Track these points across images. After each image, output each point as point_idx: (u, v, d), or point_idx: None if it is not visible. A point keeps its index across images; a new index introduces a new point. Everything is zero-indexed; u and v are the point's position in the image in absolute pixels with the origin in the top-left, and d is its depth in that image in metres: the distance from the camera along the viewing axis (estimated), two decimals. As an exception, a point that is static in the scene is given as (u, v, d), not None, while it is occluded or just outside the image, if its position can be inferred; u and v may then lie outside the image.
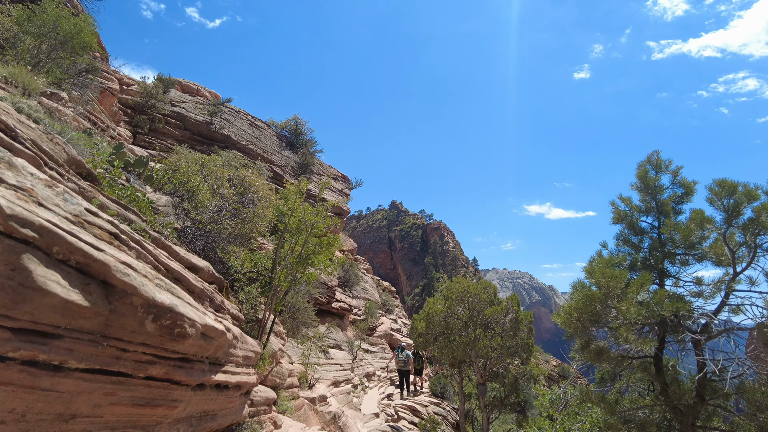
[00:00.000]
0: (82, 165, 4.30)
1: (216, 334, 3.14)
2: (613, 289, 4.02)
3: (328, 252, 5.77)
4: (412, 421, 16.21)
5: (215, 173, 5.87)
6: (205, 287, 3.88)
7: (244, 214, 5.85)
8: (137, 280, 2.54)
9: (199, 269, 4.63)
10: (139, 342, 2.58)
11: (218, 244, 5.98)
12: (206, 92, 29.46)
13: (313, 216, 5.72)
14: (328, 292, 18.49)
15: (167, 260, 3.39)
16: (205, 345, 3.08)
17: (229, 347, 3.67)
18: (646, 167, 4.96)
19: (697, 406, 4.39)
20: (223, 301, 4.21)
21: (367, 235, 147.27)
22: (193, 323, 2.81)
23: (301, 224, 5.76)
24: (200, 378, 3.13)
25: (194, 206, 5.94)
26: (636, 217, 4.91)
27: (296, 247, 5.85)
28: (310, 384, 11.31)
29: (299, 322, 11.80)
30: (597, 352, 4.90)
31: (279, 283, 5.84)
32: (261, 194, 6.05)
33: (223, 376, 3.61)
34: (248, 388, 4.53)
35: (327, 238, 5.74)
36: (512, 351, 14.30)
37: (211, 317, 3.20)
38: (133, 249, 2.87)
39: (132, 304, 2.51)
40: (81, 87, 14.36)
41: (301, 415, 9.09)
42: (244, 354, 4.11)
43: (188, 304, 2.93)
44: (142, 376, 2.68)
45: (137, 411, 2.67)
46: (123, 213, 3.82)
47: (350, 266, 23.34)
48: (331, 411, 10.97)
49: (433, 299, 16.17)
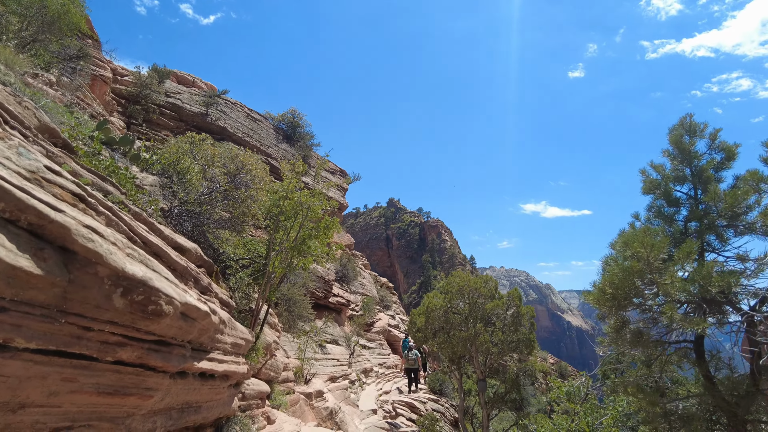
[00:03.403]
0: (57, 134, 3.91)
1: (199, 314, 2.78)
2: (654, 261, 3.59)
3: (325, 236, 5.40)
4: (410, 417, 15.92)
5: (205, 151, 5.48)
6: (191, 267, 3.52)
7: (236, 195, 5.48)
8: (104, 248, 2.17)
9: (186, 250, 4.26)
10: (105, 320, 2.21)
11: (208, 227, 5.60)
12: (202, 84, 28.95)
13: (310, 198, 5.35)
14: (326, 286, 18.13)
15: (146, 233, 3.02)
16: (186, 327, 2.71)
17: (216, 332, 3.31)
18: (679, 132, 4.54)
19: (751, 397, 3.97)
20: (211, 284, 3.84)
21: (365, 232, 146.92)
22: (171, 300, 2.44)
23: (297, 207, 5.39)
24: (180, 364, 2.76)
25: (183, 187, 5.56)
26: (670, 187, 4.50)
27: (291, 232, 5.48)
28: (306, 379, 10.96)
29: (295, 315, 11.44)
30: (635, 335, 4.43)
31: (273, 269, 5.47)
32: (255, 174, 5.66)
33: (208, 363, 3.25)
34: (238, 379, 4.16)
35: (324, 220, 5.37)
36: (513, 346, 13.99)
37: (193, 296, 2.84)
38: (103, 215, 2.49)
39: (97, 275, 2.14)
40: (71, 73, 13.91)
41: (297, 410, 8.74)
42: (233, 341, 3.75)
43: (166, 279, 2.56)
44: (110, 360, 2.31)
45: (104, 400, 2.30)
46: (99, 183, 3.44)
47: (348, 261, 22.98)
48: (327, 407, 10.63)
49: (433, 293, 15.84)
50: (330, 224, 5.40)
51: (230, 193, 5.47)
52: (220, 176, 5.51)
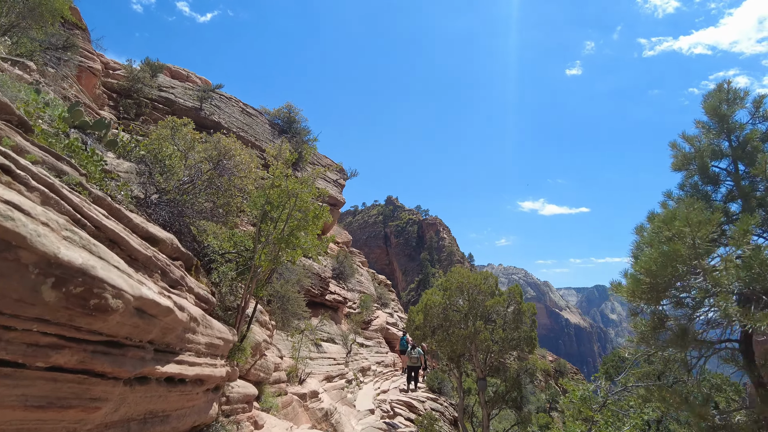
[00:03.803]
0: (10, 110, 3.48)
1: (159, 311, 2.37)
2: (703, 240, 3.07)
3: (315, 226, 4.98)
4: (409, 417, 15.57)
5: (186, 136, 5.06)
6: (159, 257, 3.11)
7: (218, 183, 5.06)
8: (28, 228, 1.77)
9: (159, 241, 3.85)
10: (32, 317, 1.81)
11: (189, 218, 5.19)
12: (196, 78, 28.43)
13: (298, 186, 4.94)
14: (322, 283, 17.72)
15: (102, 218, 2.61)
16: (143, 325, 2.30)
17: (185, 331, 2.90)
18: (716, 99, 4.03)
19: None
20: (184, 277, 3.43)
21: (363, 230, 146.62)
22: (120, 293, 2.03)
23: (284, 196, 4.97)
24: (137, 369, 2.35)
25: (162, 174, 5.15)
26: (706, 161, 4.01)
27: (279, 223, 5.07)
28: (300, 379, 10.55)
29: (289, 313, 11.03)
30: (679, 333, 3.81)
31: (259, 263, 5.06)
32: (239, 161, 5.23)
33: (176, 367, 2.84)
34: (216, 383, 3.76)
35: (314, 209, 4.94)
36: (514, 344, 13.64)
37: (153, 289, 2.43)
38: (37, 191, 2.08)
39: (18, 262, 1.73)
40: (57, 63, 13.42)
41: (289, 412, 8.35)
42: (209, 341, 3.34)
43: (116, 268, 2.15)
44: (41, 366, 1.90)
45: (34, 416, 1.90)
46: (52, 162, 3.03)
47: (345, 258, 22.57)
48: (322, 407, 10.24)
49: (431, 290, 15.45)
50: (319, 213, 4.97)
51: (213, 181, 5.05)
52: (201, 162, 5.09)
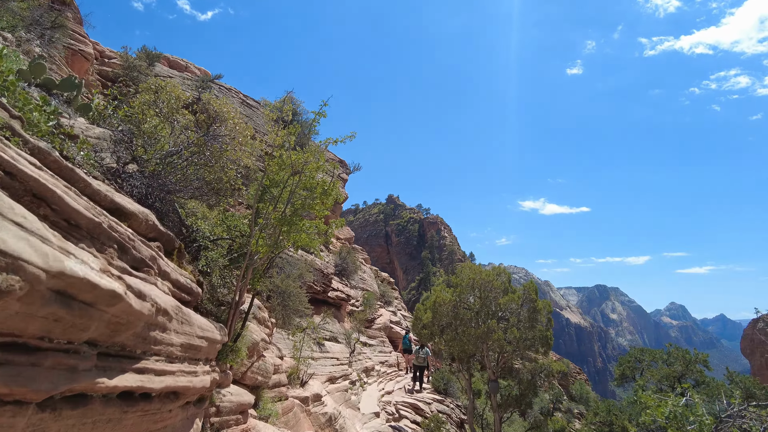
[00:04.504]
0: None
1: (97, 296, 1.56)
2: None
3: (323, 204, 4.16)
4: (415, 420, 14.79)
5: (169, 94, 4.23)
6: (118, 229, 2.30)
7: (209, 152, 4.23)
8: None
9: (129, 215, 3.04)
10: None
11: (176, 196, 4.38)
12: (195, 69, 27.63)
13: (303, 156, 4.13)
14: (324, 279, 16.92)
15: (25, 165, 1.81)
16: (70, 317, 1.50)
17: (149, 327, 2.10)
18: None
19: None
20: (156, 259, 2.61)
21: (364, 229, 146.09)
22: (18, 264, 1.23)
23: (286, 168, 4.16)
24: (62, 385, 1.54)
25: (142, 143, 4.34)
26: None
27: (279, 203, 4.26)
28: (302, 381, 9.75)
29: (290, 310, 10.22)
30: None
31: (256, 249, 4.25)
32: (233, 126, 4.38)
33: (134, 378, 2.02)
34: (199, 394, 2.95)
35: (321, 184, 4.11)
36: (528, 344, 12.81)
37: (92, 265, 1.64)
38: None
39: None
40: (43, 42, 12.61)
41: (290, 419, 7.55)
42: (185, 341, 2.54)
43: (16, 225, 1.34)
44: None
45: None
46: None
47: (347, 254, 21.77)
48: (326, 412, 9.44)
49: (440, 287, 14.61)
50: (329, 188, 4.15)
51: (202, 150, 4.23)
52: (188, 127, 4.26)
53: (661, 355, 15.53)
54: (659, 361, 15.23)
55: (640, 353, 16.60)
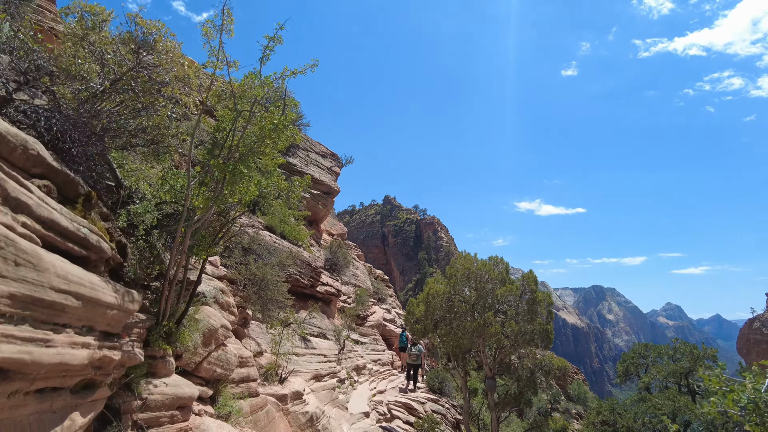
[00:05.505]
0: None
1: None
2: None
3: (274, 144, 3.29)
4: (408, 420, 13.94)
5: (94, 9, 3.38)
6: None
7: (141, 86, 3.37)
8: None
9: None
10: None
11: (101, 140, 3.53)
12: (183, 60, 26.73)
13: (252, 86, 3.28)
14: (313, 273, 16.03)
15: None
16: None
17: None
18: None
19: None
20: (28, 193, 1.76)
21: (360, 230, 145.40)
22: None
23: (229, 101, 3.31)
24: None
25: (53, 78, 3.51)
26: None
27: (225, 144, 3.42)
28: (281, 377, 8.88)
29: (267, 299, 9.35)
30: None
31: (195, 204, 3.41)
32: (167, 53, 3.52)
33: None
34: (68, 374, 2.08)
35: (270, 117, 3.24)
36: (528, 338, 11.95)
37: None
38: None
39: None
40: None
41: (261, 418, 6.68)
42: (22, 292, 1.69)
43: None
44: None
45: None
46: None
47: (338, 248, 20.91)
48: (307, 411, 8.57)
49: (434, 279, 13.79)
50: (279, 124, 3.27)
51: (133, 82, 3.38)
52: (110, 52, 3.41)
53: (666, 350, 14.76)
54: (665, 357, 14.50)
55: (644, 349, 15.82)
